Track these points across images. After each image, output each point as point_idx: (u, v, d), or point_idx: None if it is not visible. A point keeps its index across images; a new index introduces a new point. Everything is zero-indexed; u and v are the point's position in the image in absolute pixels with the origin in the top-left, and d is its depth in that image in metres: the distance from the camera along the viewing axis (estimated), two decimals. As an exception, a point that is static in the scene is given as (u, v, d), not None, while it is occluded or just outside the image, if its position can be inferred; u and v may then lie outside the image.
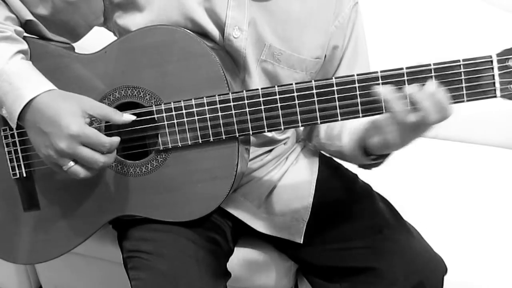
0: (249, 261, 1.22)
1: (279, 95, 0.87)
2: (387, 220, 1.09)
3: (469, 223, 1.35)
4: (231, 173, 0.93)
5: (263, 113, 0.89)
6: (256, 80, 1.02)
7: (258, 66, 1.02)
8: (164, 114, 0.93)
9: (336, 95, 0.85)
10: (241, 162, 0.95)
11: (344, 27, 1.06)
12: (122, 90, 0.95)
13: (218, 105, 0.90)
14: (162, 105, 0.92)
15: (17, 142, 1.01)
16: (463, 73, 0.80)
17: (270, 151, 1.14)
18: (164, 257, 0.97)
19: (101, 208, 1.00)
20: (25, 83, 0.89)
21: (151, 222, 1.00)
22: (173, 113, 0.92)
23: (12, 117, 0.89)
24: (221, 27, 0.96)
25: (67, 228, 1.03)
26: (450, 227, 1.33)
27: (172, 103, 0.92)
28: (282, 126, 0.89)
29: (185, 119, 0.92)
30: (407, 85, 0.82)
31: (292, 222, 1.11)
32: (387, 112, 0.83)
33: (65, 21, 0.98)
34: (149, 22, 0.95)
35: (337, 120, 0.86)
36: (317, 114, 0.87)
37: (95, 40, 1.01)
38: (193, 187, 0.95)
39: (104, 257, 1.35)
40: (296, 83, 0.87)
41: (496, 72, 0.79)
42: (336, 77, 0.85)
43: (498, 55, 0.79)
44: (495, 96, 0.80)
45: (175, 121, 0.92)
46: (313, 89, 0.86)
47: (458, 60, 0.80)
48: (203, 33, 0.96)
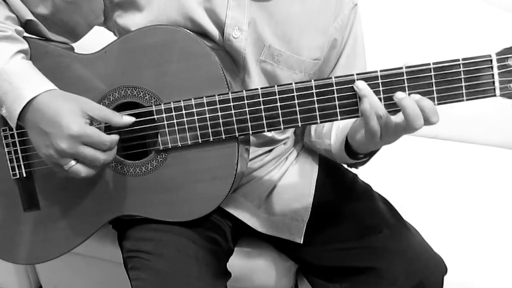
0: (249, 261, 1.22)
1: (279, 95, 0.87)
2: (387, 220, 1.08)
3: (469, 223, 1.35)
4: (231, 173, 0.93)
5: (263, 113, 0.89)
6: (256, 80, 1.02)
7: (258, 67, 1.02)
8: (164, 114, 0.93)
9: (336, 95, 0.85)
10: (241, 162, 0.95)
11: (343, 29, 1.06)
12: (122, 90, 0.95)
13: (218, 105, 0.90)
14: (162, 105, 0.92)
15: (17, 142, 1.01)
16: (463, 72, 0.80)
17: (270, 151, 1.14)
18: (164, 257, 0.97)
19: (101, 208, 1.01)
20: (25, 83, 0.89)
21: (151, 222, 1.00)
22: (173, 113, 0.92)
23: (12, 117, 0.89)
24: (221, 27, 0.96)
25: (67, 228, 1.03)
26: (450, 227, 1.33)
27: (172, 103, 0.92)
28: (282, 126, 0.89)
29: (185, 119, 0.92)
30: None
31: (292, 222, 1.11)
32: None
33: (65, 21, 0.98)
34: (149, 22, 0.95)
35: (337, 120, 0.86)
36: (317, 114, 0.86)
37: (95, 40, 1.01)
38: (193, 187, 0.95)
39: (104, 257, 1.35)
40: (296, 83, 0.87)
41: (496, 71, 0.79)
42: (336, 77, 0.85)
43: (498, 54, 0.79)
44: (495, 95, 0.80)
45: (175, 121, 0.92)
46: (313, 89, 0.86)
47: (458, 60, 0.80)
48: (203, 33, 0.96)
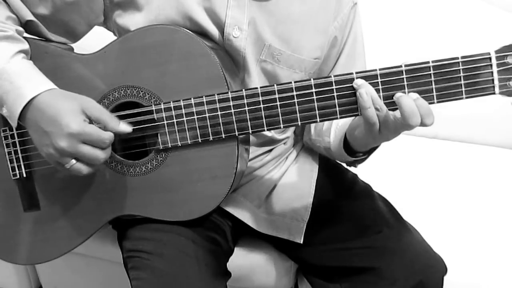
0: (249, 261, 1.22)
1: (278, 94, 0.87)
2: (387, 220, 1.08)
3: (469, 223, 1.35)
4: (231, 172, 0.93)
5: (262, 112, 0.89)
6: (256, 80, 1.02)
7: (258, 66, 1.02)
8: (164, 114, 0.93)
9: (335, 94, 0.85)
10: (241, 162, 0.95)
11: (343, 28, 1.06)
12: (122, 90, 0.95)
13: (218, 104, 0.90)
14: (162, 105, 0.92)
15: (17, 143, 1.01)
16: (462, 70, 0.80)
17: (270, 151, 1.14)
18: (164, 257, 0.97)
19: (101, 208, 1.00)
20: (26, 82, 0.89)
21: (151, 222, 1.00)
22: (173, 113, 0.92)
23: (13, 116, 0.89)
24: (221, 27, 0.97)
25: (67, 228, 1.03)
26: (450, 227, 1.33)
27: (172, 103, 0.92)
28: (282, 125, 0.89)
29: (185, 119, 0.92)
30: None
31: (292, 222, 1.11)
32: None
33: (65, 21, 0.99)
34: (148, 22, 0.95)
35: (336, 118, 0.86)
36: (316, 112, 0.86)
37: (95, 40, 1.01)
38: (193, 187, 0.95)
39: (104, 257, 1.35)
40: (295, 82, 0.87)
41: (495, 69, 0.79)
42: (335, 76, 0.85)
43: (497, 52, 0.79)
44: (494, 93, 0.80)
45: (175, 121, 0.92)
46: (312, 88, 0.86)
47: (457, 58, 0.80)
48: (203, 33, 0.96)
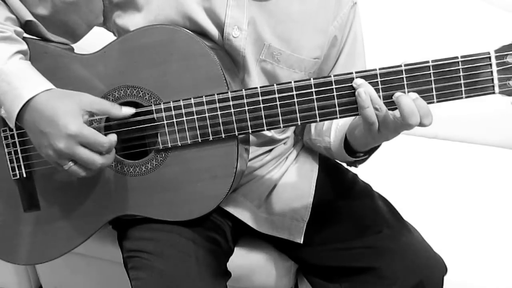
0: (249, 261, 1.22)
1: (278, 94, 0.87)
2: (387, 220, 1.08)
3: (469, 223, 1.35)
4: (231, 172, 0.93)
5: (262, 112, 0.89)
6: (255, 80, 1.02)
7: (257, 66, 1.02)
8: (164, 114, 0.93)
9: (335, 93, 0.85)
10: (241, 161, 0.95)
11: (343, 28, 1.06)
12: (122, 90, 0.95)
13: (217, 104, 0.90)
14: (162, 105, 0.92)
15: (17, 143, 1.01)
16: (462, 70, 0.80)
17: (270, 151, 1.14)
18: (164, 257, 0.97)
19: (101, 208, 1.00)
20: (24, 83, 0.89)
21: (151, 222, 1.00)
22: (173, 113, 0.92)
23: (11, 117, 0.89)
24: (221, 27, 0.97)
25: (67, 229, 1.03)
26: (450, 227, 1.33)
27: (171, 103, 0.92)
28: (281, 124, 0.89)
29: (184, 118, 0.92)
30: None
31: (292, 222, 1.11)
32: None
33: (65, 21, 0.99)
34: (148, 22, 0.95)
35: (336, 118, 0.86)
36: (316, 112, 0.87)
37: (95, 40, 1.01)
38: (193, 186, 0.95)
39: (104, 257, 1.35)
40: (295, 81, 0.87)
41: (495, 69, 0.79)
42: (335, 75, 0.85)
43: (496, 52, 0.79)
44: (494, 93, 0.80)
45: (174, 120, 0.92)
46: (312, 87, 0.86)
47: (456, 57, 0.80)
48: (202, 33, 0.96)
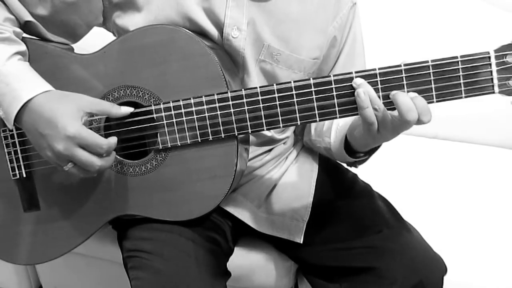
0: (249, 261, 1.22)
1: (278, 94, 0.87)
2: (387, 220, 1.08)
3: (469, 223, 1.35)
4: (231, 172, 0.93)
5: (262, 112, 0.89)
6: (255, 80, 1.02)
7: (257, 66, 1.02)
8: (163, 114, 0.93)
9: (335, 93, 0.85)
10: (240, 161, 0.95)
11: (342, 28, 1.06)
12: (121, 90, 0.95)
13: (217, 104, 0.90)
14: (161, 105, 0.92)
15: (17, 143, 1.01)
16: (461, 69, 0.80)
17: (270, 151, 1.14)
18: (164, 257, 0.97)
19: (101, 208, 1.01)
20: (22, 85, 0.89)
21: (151, 222, 1.00)
22: (172, 112, 0.92)
23: (9, 119, 0.89)
24: (220, 27, 0.97)
25: (67, 228, 1.03)
26: (450, 227, 1.33)
27: (171, 103, 0.92)
28: (281, 124, 0.89)
29: (184, 118, 0.92)
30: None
31: (292, 222, 1.11)
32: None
33: (64, 22, 0.99)
34: (148, 22, 0.95)
35: (336, 118, 0.86)
36: (316, 112, 0.87)
37: (95, 40, 1.01)
38: (193, 186, 0.95)
39: (104, 257, 1.35)
40: (295, 81, 0.87)
41: (494, 68, 0.79)
42: (334, 75, 0.85)
43: (496, 51, 0.79)
44: (493, 92, 0.80)
45: (174, 120, 0.92)
46: (312, 87, 0.86)
47: (456, 57, 0.80)
48: (202, 33, 0.96)
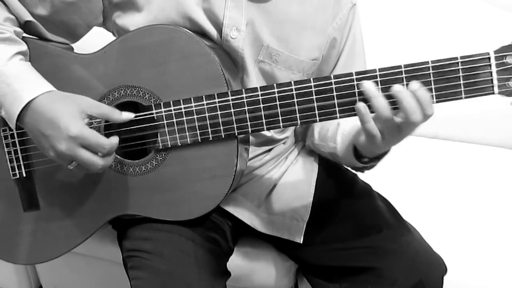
0: (249, 261, 1.22)
1: (278, 94, 0.88)
2: (387, 220, 1.08)
3: (469, 223, 1.35)
4: (231, 172, 0.93)
5: (262, 112, 0.89)
6: (254, 80, 1.02)
7: (256, 67, 1.02)
8: (164, 114, 0.93)
9: (335, 93, 0.85)
10: (240, 161, 0.95)
11: (342, 29, 1.06)
12: (122, 90, 0.95)
13: (217, 104, 0.90)
14: (161, 105, 0.92)
15: (17, 142, 1.01)
16: (461, 70, 0.80)
17: (270, 151, 1.14)
18: (164, 257, 0.97)
19: (101, 208, 1.01)
20: (24, 85, 0.89)
21: (151, 222, 1.00)
22: (172, 112, 0.92)
23: (11, 119, 0.89)
24: (219, 27, 0.97)
25: (67, 228, 1.03)
26: (450, 227, 1.33)
27: (171, 103, 0.92)
28: (281, 124, 0.89)
29: (184, 118, 0.92)
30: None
31: (292, 222, 1.11)
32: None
33: (64, 21, 0.99)
34: (148, 22, 0.95)
35: (336, 118, 0.86)
36: (316, 112, 0.87)
37: (95, 40, 1.01)
38: (193, 186, 0.95)
39: (104, 257, 1.35)
40: (295, 81, 0.87)
41: (494, 69, 0.79)
42: (334, 75, 0.85)
43: (496, 52, 0.79)
44: (493, 93, 0.80)
45: (174, 120, 0.92)
46: (312, 88, 0.86)
47: (456, 58, 0.80)
48: (202, 33, 0.96)
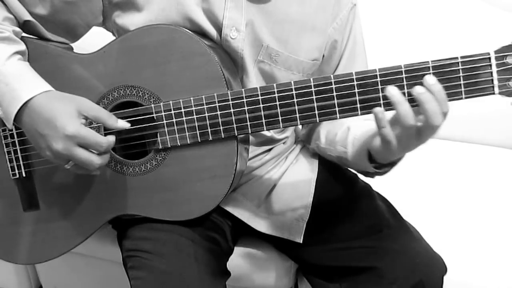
0: (249, 261, 1.22)
1: (278, 94, 0.87)
2: (387, 220, 1.08)
3: (469, 223, 1.35)
4: (230, 172, 0.93)
5: (262, 112, 0.89)
6: (253, 81, 1.02)
7: (255, 67, 1.02)
8: (163, 114, 0.93)
9: (335, 93, 0.85)
10: (240, 161, 0.95)
11: (342, 30, 1.05)
12: (121, 90, 0.95)
13: (217, 104, 0.90)
14: (161, 105, 0.92)
15: (17, 142, 1.01)
16: (461, 70, 0.80)
17: (269, 151, 1.14)
18: (164, 257, 0.97)
19: (101, 208, 1.01)
20: (22, 85, 0.89)
21: (151, 222, 1.00)
22: (172, 112, 0.92)
23: (8, 119, 0.89)
24: (219, 28, 0.97)
25: (67, 228, 1.03)
26: (450, 227, 1.33)
27: (171, 102, 0.92)
28: (281, 124, 0.89)
29: (184, 118, 0.92)
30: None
31: (292, 222, 1.11)
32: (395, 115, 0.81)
33: (64, 21, 0.99)
34: (148, 22, 0.95)
35: (336, 118, 0.86)
36: (316, 112, 0.87)
37: (94, 40, 1.01)
38: (192, 186, 0.95)
39: (104, 257, 1.35)
40: (295, 81, 0.87)
41: (494, 69, 0.79)
42: (335, 75, 0.85)
43: (496, 52, 0.79)
44: (493, 93, 0.80)
45: (174, 120, 0.92)
46: (312, 88, 0.86)
47: (456, 58, 0.80)
48: (202, 33, 0.96)
